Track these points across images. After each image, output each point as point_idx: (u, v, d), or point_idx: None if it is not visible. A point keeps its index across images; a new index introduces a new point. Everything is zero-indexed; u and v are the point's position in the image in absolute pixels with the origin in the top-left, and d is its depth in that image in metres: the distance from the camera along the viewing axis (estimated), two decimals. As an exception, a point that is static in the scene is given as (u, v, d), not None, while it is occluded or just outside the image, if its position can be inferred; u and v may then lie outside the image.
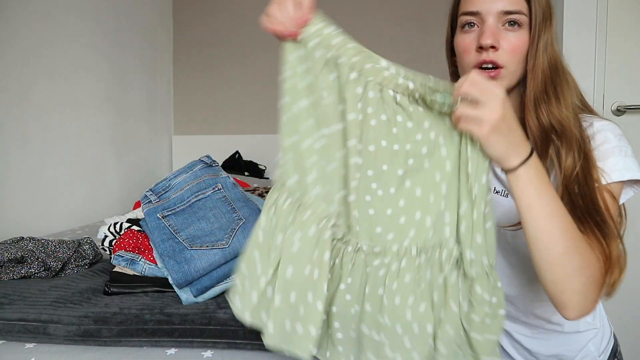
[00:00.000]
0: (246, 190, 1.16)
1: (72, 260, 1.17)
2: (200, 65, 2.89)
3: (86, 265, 1.19)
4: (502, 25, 0.81)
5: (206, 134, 2.89)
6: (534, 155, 0.67)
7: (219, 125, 2.89)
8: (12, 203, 1.69)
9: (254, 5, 2.93)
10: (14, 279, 1.08)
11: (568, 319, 0.72)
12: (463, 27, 0.85)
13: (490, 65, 0.81)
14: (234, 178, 1.11)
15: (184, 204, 1.02)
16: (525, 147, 0.66)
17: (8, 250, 1.10)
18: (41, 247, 1.14)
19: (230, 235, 0.94)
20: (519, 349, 0.99)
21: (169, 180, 1.07)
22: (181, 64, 2.92)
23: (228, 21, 2.84)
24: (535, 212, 0.67)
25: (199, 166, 1.09)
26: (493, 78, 0.81)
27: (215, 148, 2.57)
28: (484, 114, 0.62)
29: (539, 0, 0.81)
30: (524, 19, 0.81)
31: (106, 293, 0.95)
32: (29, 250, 1.12)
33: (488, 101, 0.63)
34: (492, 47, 0.80)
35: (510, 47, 0.81)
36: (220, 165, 1.33)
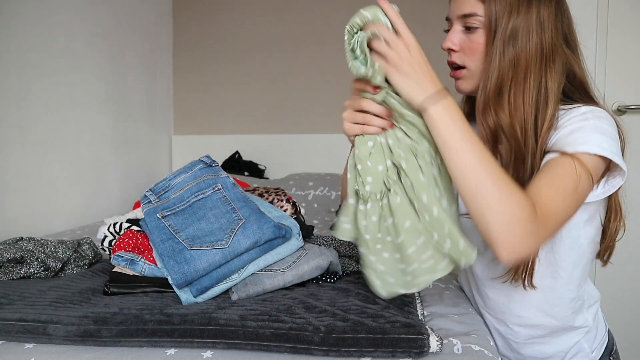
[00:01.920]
0: (246, 190, 1.16)
1: (72, 261, 1.16)
2: (200, 65, 2.89)
3: (86, 265, 1.18)
4: (466, 29, 0.87)
5: (206, 134, 2.89)
6: (445, 96, 0.72)
7: (219, 125, 2.89)
8: (12, 203, 1.69)
9: (254, 5, 2.94)
10: (13, 279, 1.08)
11: (503, 261, 0.72)
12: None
13: (455, 66, 0.89)
14: (234, 178, 1.11)
15: (184, 204, 1.02)
16: (431, 85, 0.72)
17: (7, 250, 1.10)
18: (40, 247, 1.14)
19: (230, 235, 0.94)
20: (511, 353, 1.00)
21: (169, 180, 1.07)
22: (181, 64, 2.92)
23: (228, 21, 2.84)
24: (448, 148, 0.72)
25: (198, 166, 1.09)
26: (457, 77, 0.90)
27: (215, 148, 2.57)
28: (392, 56, 0.71)
29: (500, 4, 0.82)
30: (479, 20, 0.84)
31: (106, 293, 0.95)
32: (29, 250, 1.12)
33: (395, 46, 0.71)
34: (451, 49, 0.88)
35: (468, 48, 0.87)
36: (220, 165, 1.32)
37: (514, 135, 0.83)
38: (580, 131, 0.79)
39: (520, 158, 0.83)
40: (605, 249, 0.93)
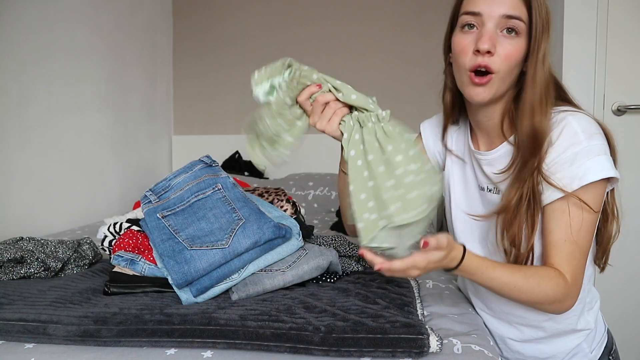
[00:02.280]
0: (246, 190, 1.16)
1: (72, 261, 1.16)
2: (200, 65, 2.89)
3: (86, 265, 1.18)
4: (501, 31, 0.83)
5: (206, 134, 2.89)
6: (458, 261, 0.79)
7: (219, 125, 2.89)
8: (12, 203, 1.69)
9: (253, 5, 2.94)
10: (13, 279, 1.08)
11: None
12: (463, 26, 0.85)
13: (483, 70, 0.83)
14: (234, 178, 1.11)
15: (184, 204, 1.02)
16: (454, 261, 0.79)
17: (8, 250, 1.10)
18: (41, 247, 1.14)
19: (230, 235, 0.94)
20: (511, 353, 1.00)
21: (169, 180, 1.07)
22: (181, 64, 2.92)
23: (228, 21, 2.84)
24: (481, 284, 0.83)
25: (198, 166, 1.09)
26: (484, 84, 0.84)
27: (215, 148, 2.57)
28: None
29: (540, 10, 0.82)
30: (522, 26, 0.82)
31: (106, 293, 0.95)
32: (29, 250, 1.12)
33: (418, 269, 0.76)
34: (488, 52, 0.82)
35: (505, 53, 0.82)
36: (220, 165, 1.32)
37: (540, 141, 0.83)
38: (577, 161, 0.81)
39: (534, 160, 0.84)
40: (601, 253, 0.94)
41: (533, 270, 0.84)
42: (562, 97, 0.90)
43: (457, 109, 0.98)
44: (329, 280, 1.02)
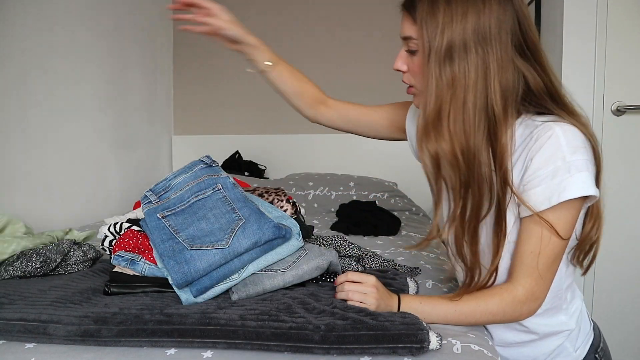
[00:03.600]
0: (246, 190, 1.16)
1: (72, 261, 1.17)
2: (200, 65, 2.89)
3: (86, 265, 1.19)
4: (407, 50, 0.88)
5: (206, 134, 2.89)
6: (401, 300, 0.87)
7: (219, 125, 2.89)
8: (12, 203, 1.69)
9: (254, 5, 2.94)
10: (13, 277, 1.08)
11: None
12: None
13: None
14: (234, 178, 1.11)
15: (184, 204, 1.02)
16: (393, 302, 0.86)
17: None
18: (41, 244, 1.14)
19: (230, 236, 0.94)
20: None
21: (169, 180, 1.07)
22: (181, 64, 2.92)
23: (228, 21, 2.84)
24: (430, 321, 0.86)
25: (199, 166, 1.09)
26: (411, 94, 0.92)
27: (215, 148, 2.57)
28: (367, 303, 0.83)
29: (428, 25, 0.79)
30: (416, 43, 0.85)
31: (106, 293, 0.95)
32: (28, 248, 1.12)
33: (368, 297, 0.84)
34: (399, 70, 0.90)
35: (411, 69, 0.89)
36: (220, 165, 1.33)
37: (456, 163, 0.79)
38: (558, 177, 0.79)
39: (467, 186, 0.81)
40: (582, 255, 0.91)
41: (472, 293, 0.87)
42: (551, 98, 0.85)
43: None
44: (328, 280, 1.02)
